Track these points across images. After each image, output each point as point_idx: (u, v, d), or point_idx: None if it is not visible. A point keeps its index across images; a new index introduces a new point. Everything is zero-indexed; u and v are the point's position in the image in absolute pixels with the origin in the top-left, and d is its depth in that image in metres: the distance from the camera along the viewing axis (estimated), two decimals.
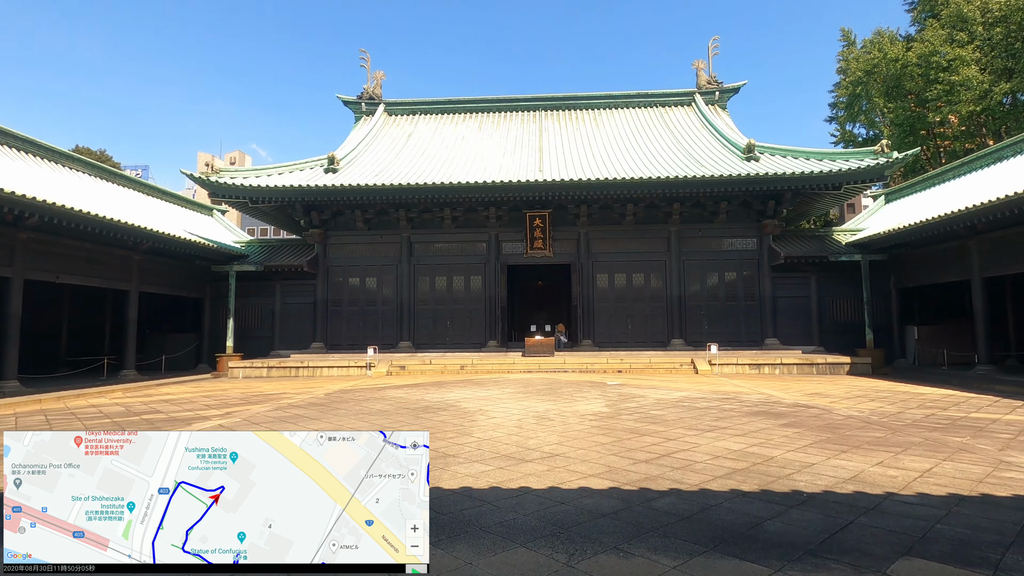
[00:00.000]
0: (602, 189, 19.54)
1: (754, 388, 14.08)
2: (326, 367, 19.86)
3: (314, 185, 19.98)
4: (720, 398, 11.89)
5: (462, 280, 22.59)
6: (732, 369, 19.02)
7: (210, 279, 22.75)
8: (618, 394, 12.63)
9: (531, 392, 13.17)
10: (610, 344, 21.69)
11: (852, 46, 32.18)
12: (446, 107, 28.82)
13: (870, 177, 18.86)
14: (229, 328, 21.55)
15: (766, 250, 21.58)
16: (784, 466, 5.92)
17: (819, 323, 21.69)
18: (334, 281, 22.81)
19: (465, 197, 20.49)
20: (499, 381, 15.98)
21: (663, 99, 28.14)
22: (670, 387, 14.17)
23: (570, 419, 9.17)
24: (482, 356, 20.49)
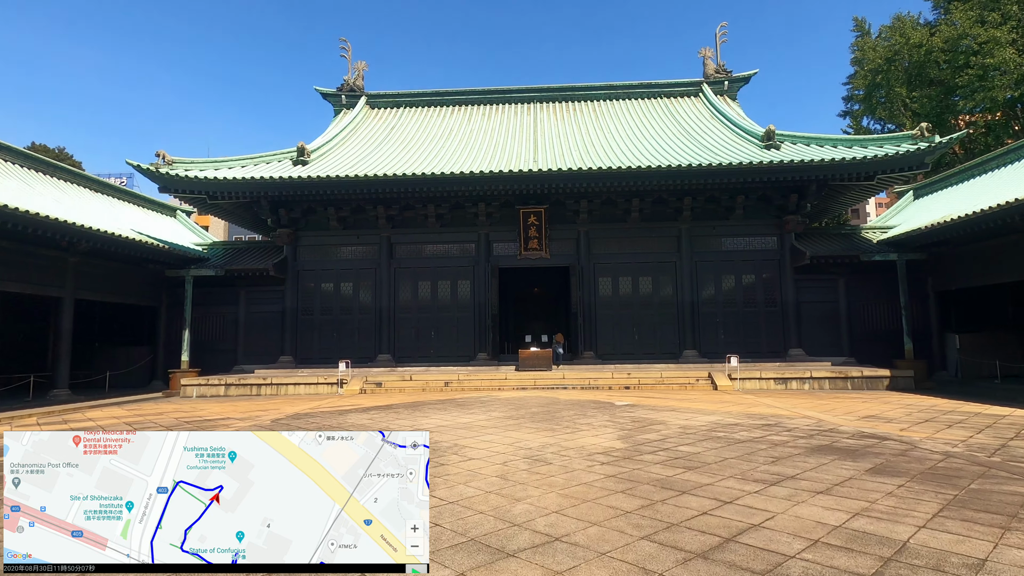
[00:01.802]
0: (604, 180, 17.24)
1: (792, 409, 11.70)
2: (292, 384, 17.39)
3: (279, 177, 17.65)
4: (760, 425, 9.50)
5: (448, 285, 20.21)
6: (755, 384, 16.65)
7: (167, 286, 20.33)
8: (631, 419, 10.23)
9: (524, 417, 10.75)
10: (615, 356, 19.28)
11: (867, 35, 30.16)
12: (433, 99, 26.60)
13: (909, 164, 16.61)
14: (184, 340, 19.06)
15: (788, 249, 19.28)
16: (939, 566, 3.53)
17: (849, 331, 19.34)
18: (305, 287, 20.39)
19: (451, 191, 18.17)
20: (487, 401, 13.55)
21: (668, 89, 25.98)
22: (691, 408, 11.77)
23: (574, 461, 6.77)
24: (470, 371, 18.06)
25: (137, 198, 23.93)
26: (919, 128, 16.72)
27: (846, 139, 17.97)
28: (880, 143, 17.36)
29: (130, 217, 21.18)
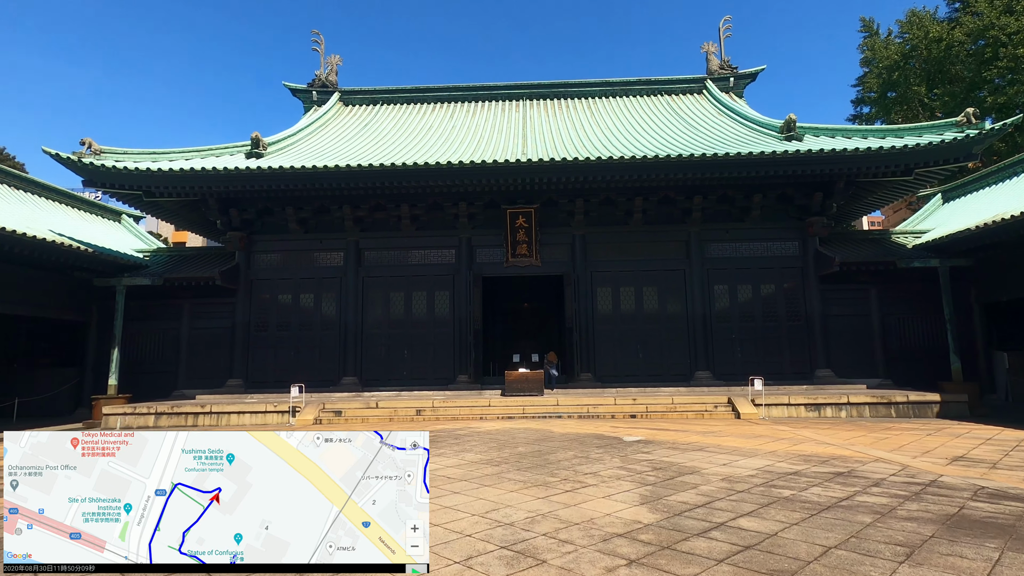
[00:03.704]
0: (604, 173, 14.86)
1: (849, 446, 9.16)
2: (236, 413, 14.63)
3: (226, 169, 15.11)
4: (829, 474, 6.93)
5: (424, 297, 17.61)
6: (782, 411, 14.16)
7: (98, 298, 17.59)
8: (650, 465, 7.63)
9: (507, 461, 8.12)
10: (616, 378, 16.70)
11: (875, 35, 28.44)
12: (414, 96, 24.30)
13: (956, 155, 14.41)
14: (113, 360, 16.25)
15: (812, 255, 16.94)
16: None
17: (883, 348, 16.92)
18: (259, 299, 17.71)
19: (428, 186, 15.71)
20: (463, 437, 10.89)
21: (669, 86, 23.88)
22: (722, 446, 9.19)
23: (582, 554, 4.17)
24: (447, 396, 15.39)
25: (80, 202, 21.30)
26: (964, 114, 14.56)
27: (877, 129, 15.79)
28: (919, 132, 15.16)
29: (61, 221, 18.50)
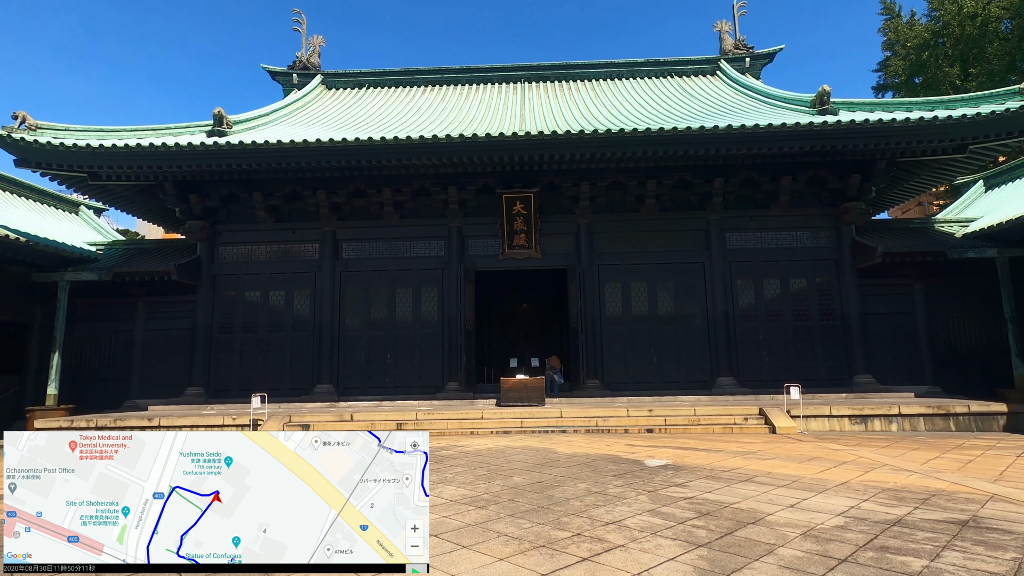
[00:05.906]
0: (612, 148, 12.92)
1: (935, 474, 7.15)
2: (190, 427, 12.58)
3: (178, 145, 13.16)
4: (950, 526, 4.91)
5: (409, 294, 15.62)
6: (823, 424, 12.15)
7: (42, 296, 15.58)
8: (692, 508, 5.62)
9: (500, 500, 6.10)
10: (627, 385, 14.70)
11: (898, 17, 26.60)
12: (402, 78, 22.38)
13: (1020, 127, 12.48)
14: (53, 367, 14.26)
15: (848, 246, 14.98)
16: None
17: (931, 351, 14.92)
18: (223, 296, 15.72)
19: (414, 165, 13.79)
20: (446, 460, 8.87)
21: (680, 67, 21.97)
22: (773, 473, 7.17)
23: None
24: (434, 407, 13.39)
25: (31, 191, 19.26)
26: None
27: (922, 101, 13.82)
28: (974, 102, 13.20)
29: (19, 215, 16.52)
